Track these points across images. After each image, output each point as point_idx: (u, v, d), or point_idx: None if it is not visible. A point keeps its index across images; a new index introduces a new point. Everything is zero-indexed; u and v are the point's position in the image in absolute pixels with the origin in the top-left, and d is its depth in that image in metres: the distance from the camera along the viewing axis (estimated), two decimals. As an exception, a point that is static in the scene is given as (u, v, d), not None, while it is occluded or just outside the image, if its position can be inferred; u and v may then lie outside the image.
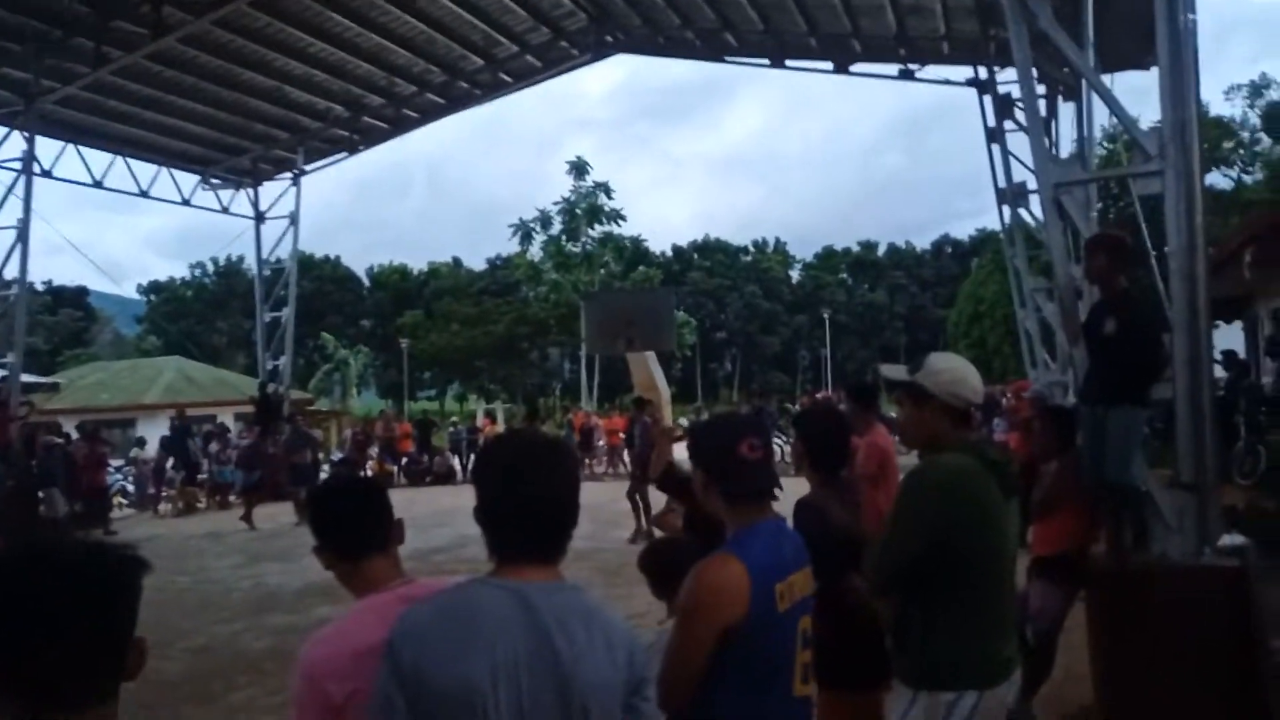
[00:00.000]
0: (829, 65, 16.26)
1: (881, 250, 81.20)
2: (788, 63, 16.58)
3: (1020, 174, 12.60)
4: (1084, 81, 9.33)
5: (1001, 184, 13.22)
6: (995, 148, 13.29)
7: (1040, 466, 5.07)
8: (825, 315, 62.83)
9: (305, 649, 1.94)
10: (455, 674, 1.53)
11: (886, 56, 15.74)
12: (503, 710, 1.53)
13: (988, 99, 13.51)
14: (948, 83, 15.11)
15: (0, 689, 1.17)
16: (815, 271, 79.41)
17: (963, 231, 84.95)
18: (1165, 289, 5.11)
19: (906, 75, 15.73)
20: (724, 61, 17.24)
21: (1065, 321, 5.65)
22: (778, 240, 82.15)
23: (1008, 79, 12.98)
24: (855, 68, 16.24)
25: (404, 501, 2.19)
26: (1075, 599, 5.01)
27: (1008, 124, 12.96)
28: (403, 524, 2.12)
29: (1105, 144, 21.93)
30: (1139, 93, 7.56)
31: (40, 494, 14.44)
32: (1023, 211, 12.55)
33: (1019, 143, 12.79)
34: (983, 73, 13.80)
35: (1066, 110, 11.29)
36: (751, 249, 79.96)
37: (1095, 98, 8.83)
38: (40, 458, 15.02)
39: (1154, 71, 5.28)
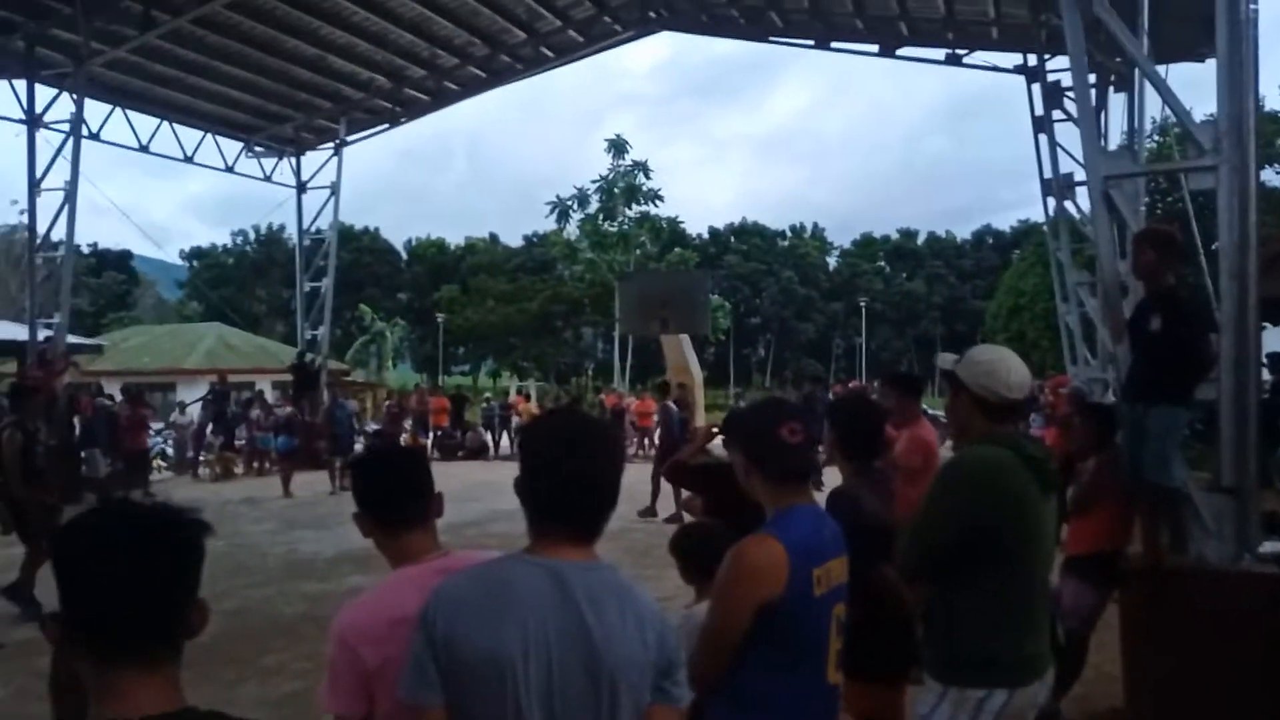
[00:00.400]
0: (875, 48, 16.08)
1: (921, 239, 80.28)
2: (833, 44, 16.40)
3: (1067, 165, 12.36)
4: (1137, 71, 9.14)
5: (1048, 175, 13.00)
6: (1042, 137, 13.05)
7: (1078, 464, 5.00)
8: (862, 303, 62.34)
9: (340, 614, 1.97)
10: (486, 645, 1.56)
11: (934, 41, 15.52)
12: (532, 683, 1.56)
13: (1036, 87, 13.27)
14: (995, 69, 14.87)
15: (79, 643, 1.23)
16: (853, 258, 78.74)
17: (1004, 222, 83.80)
18: (1214, 288, 5.00)
19: (954, 60, 15.50)
20: (768, 42, 17.08)
21: (1109, 317, 5.54)
22: (815, 226, 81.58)
23: (1057, 67, 12.74)
24: (902, 51, 16.03)
25: (437, 475, 2.20)
26: (1109, 599, 4.95)
27: (1056, 113, 12.70)
28: (442, 497, 2.15)
29: (1154, 137, 21.47)
30: (1191, 85, 7.35)
31: (82, 453, 14.75)
32: (1068, 204, 12.35)
33: (1067, 132, 12.54)
34: (1032, 60, 13.57)
35: (1116, 101, 11.04)
36: (789, 234, 79.42)
37: (1147, 88, 8.65)
38: (86, 418, 15.35)
39: (1209, 63, 5.14)
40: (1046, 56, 12.89)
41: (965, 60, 15.36)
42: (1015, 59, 14.07)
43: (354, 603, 2.01)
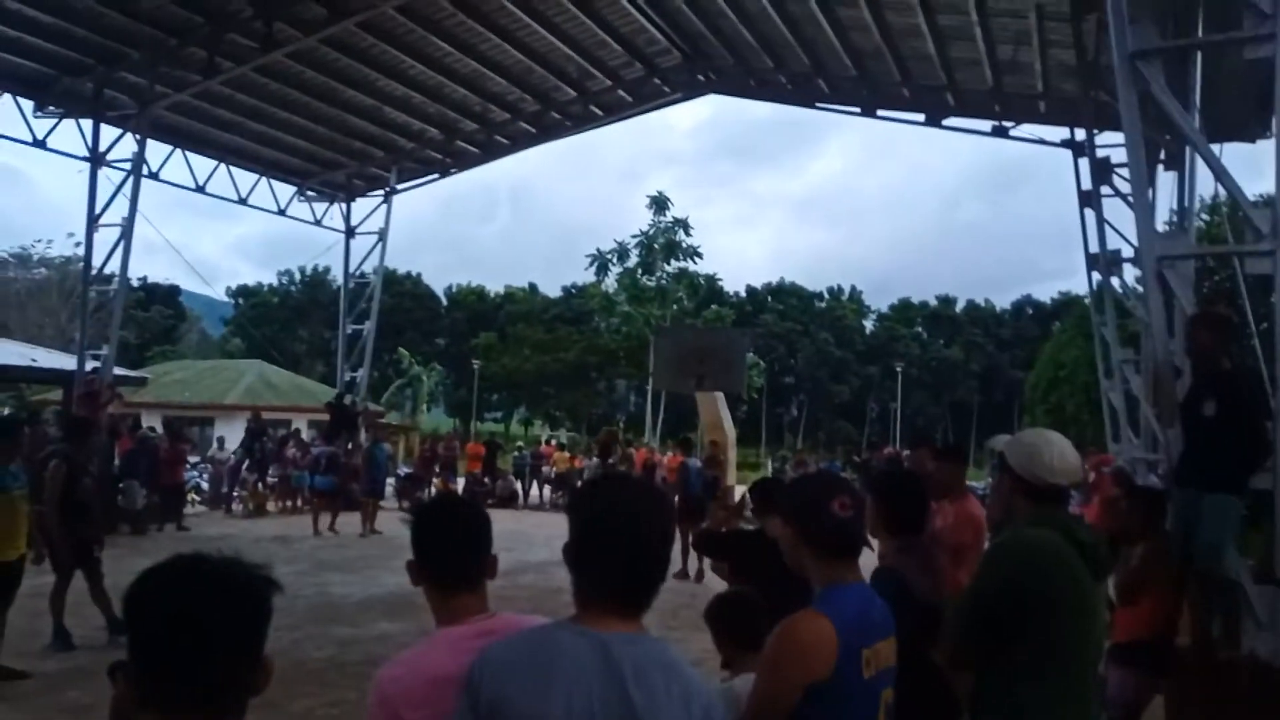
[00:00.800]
0: (921, 117, 16.15)
1: (959, 306, 79.91)
2: (879, 113, 16.52)
3: (1114, 240, 12.27)
4: (1188, 149, 9.11)
5: (1093, 249, 12.87)
6: (1089, 212, 12.94)
7: (1125, 546, 4.87)
8: (898, 368, 61.84)
9: (381, 671, 1.96)
10: (531, 713, 1.54)
11: (980, 112, 15.59)
12: None
13: (1083, 162, 13.21)
14: (1042, 142, 14.89)
15: (146, 701, 1.22)
16: (890, 322, 78.45)
17: (1045, 292, 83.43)
18: (1269, 372, 4.91)
19: (1000, 133, 15.54)
20: (814, 107, 17.25)
21: (1160, 400, 5.45)
22: (853, 288, 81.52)
23: (1106, 142, 12.69)
24: (948, 121, 16.12)
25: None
26: (1156, 690, 4.79)
27: (1104, 189, 12.63)
28: (496, 560, 2.11)
29: (1203, 215, 21.29)
30: (1241, 163, 7.29)
31: (120, 484, 14.93)
32: (1114, 279, 12.23)
33: (1113, 207, 12.45)
34: (1079, 134, 13.53)
35: (1164, 178, 10.98)
36: (826, 295, 79.43)
37: (1198, 165, 8.60)
38: (125, 450, 15.57)
39: (1260, 144, 5.10)
40: (1095, 131, 12.85)
41: (1012, 133, 15.38)
42: (1062, 133, 14.05)
43: (395, 660, 1.99)
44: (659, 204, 46.22)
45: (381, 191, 21.17)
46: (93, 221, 15.87)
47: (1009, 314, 78.72)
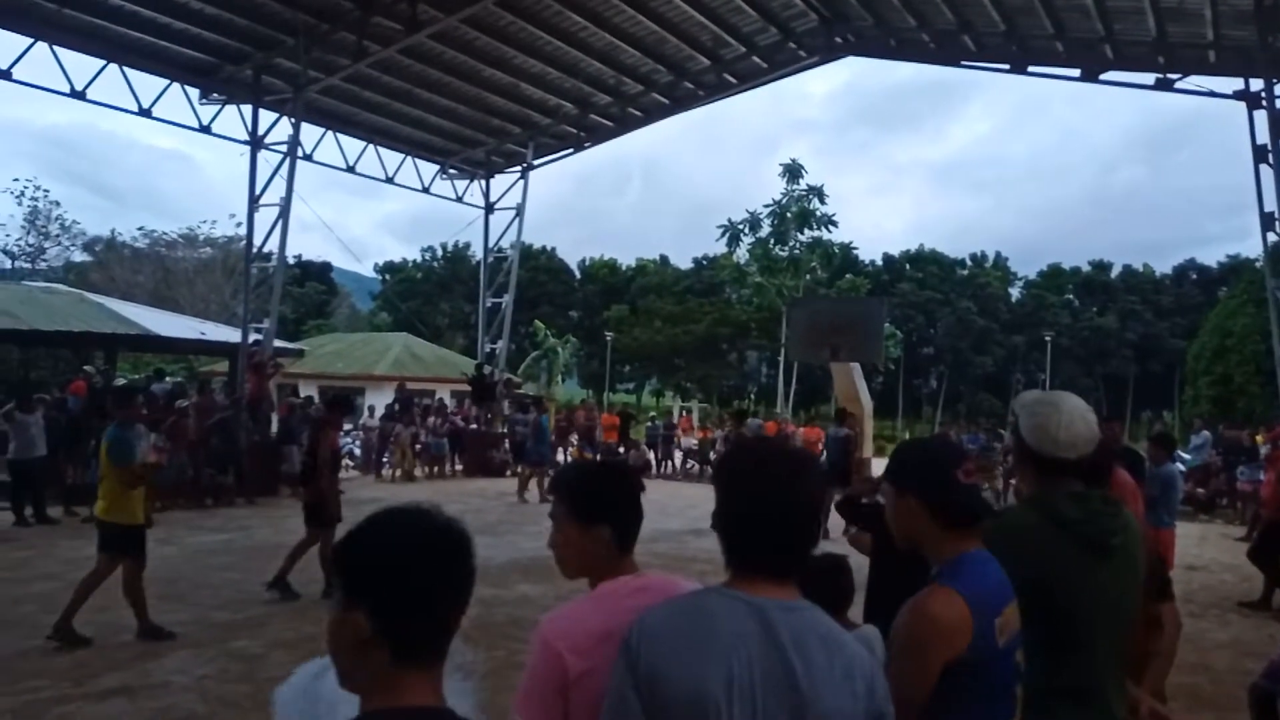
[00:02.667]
0: (1075, 73, 15.28)
1: (1115, 272, 75.40)
2: (1030, 69, 15.70)
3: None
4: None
5: (1269, 208, 11.95)
6: (1264, 168, 12.01)
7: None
8: (1046, 337, 58.95)
9: (545, 619, 1.98)
10: (691, 681, 1.52)
11: (1142, 65, 14.61)
12: None
13: (1260, 114, 12.24)
14: (1211, 94, 13.85)
15: (378, 641, 1.27)
16: (1038, 290, 74.71)
17: (1210, 257, 77.75)
18: None
19: (1164, 85, 14.54)
20: (960, 66, 16.55)
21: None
22: (998, 255, 78.06)
23: (1287, 92, 11.72)
24: (1105, 76, 15.17)
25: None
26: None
27: (1282, 142, 11.67)
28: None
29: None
30: None
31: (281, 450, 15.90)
32: (1293, 239, 11.31)
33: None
34: (1255, 84, 12.52)
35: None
36: (969, 262, 76.39)
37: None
38: (284, 418, 16.55)
39: None
40: (1274, 81, 11.86)
41: (1177, 85, 14.35)
42: (1235, 84, 13.06)
43: (558, 613, 2.01)
44: (792, 172, 45.37)
45: (519, 168, 21.62)
46: (253, 202, 16.87)
47: (1170, 280, 73.77)
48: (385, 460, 20.26)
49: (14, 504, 11.97)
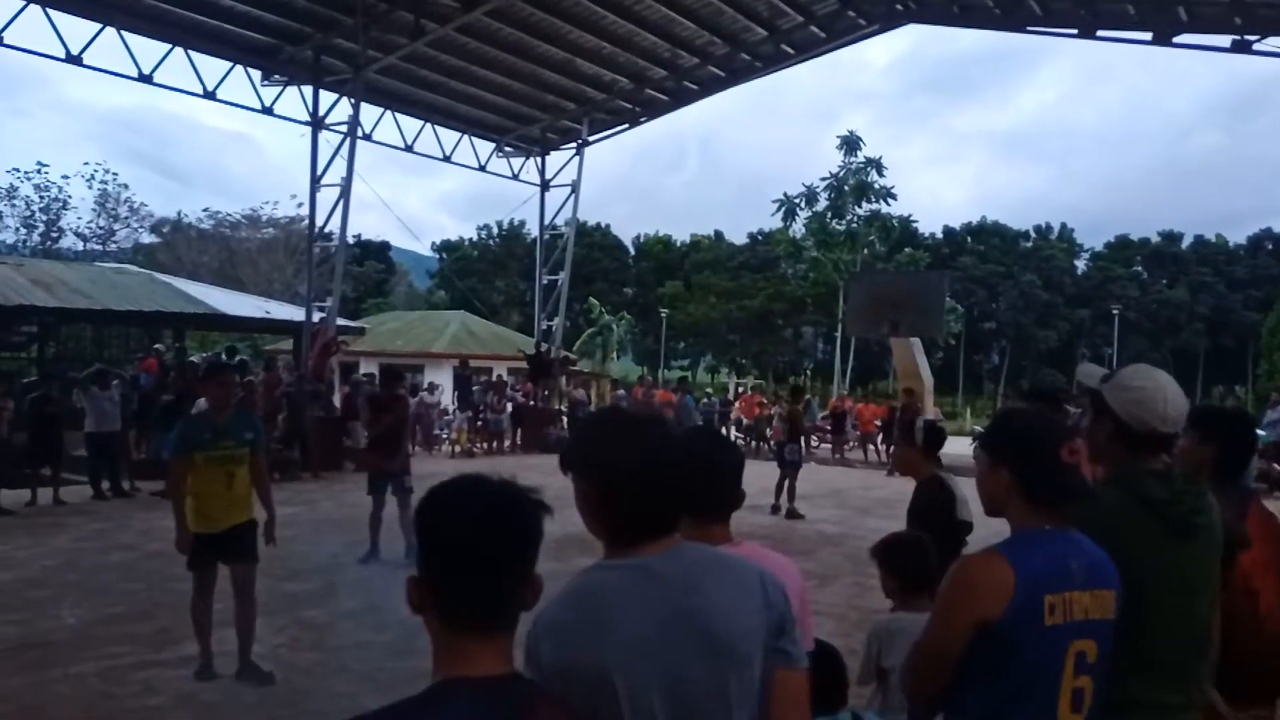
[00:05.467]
0: (1147, 36, 14.73)
1: (1186, 243, 73.01)
2: (1099, 34, 15.19)
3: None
4: None
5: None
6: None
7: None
8: (1114, 311, 57.41)
9: None
10: (589, 662, 1.51)
11: (1218, 26, 14.05)
12: (651, 685, 1.51)
13: (1348, 74, 11.66)
14: (1294, 55, 13.26)
15: (438, 608, 1.31)
16: (1105, 262, 72.69)
17: (1289, 226, 74.44)
18: None
19: (1241, 48, 13.98)
20: (1025, 32, 16.07)
21: None
22: (1063, 226, 76.07)
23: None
24: (1179, 39, 14.61)
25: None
26: None
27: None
28: (744, 495, 2.16)
29: None
30: None
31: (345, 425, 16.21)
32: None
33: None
34: (1344, 43, 11.96)
35: None
36: (1032, 234, 74.60)
37: None
38: (347, 394, 16.86)
39: None
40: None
41: (1255, 47, 13.77)
42: (1320, 43, 12.47)
43: None
44: (850, 144, 44.64)
45: (574, 144, 21.59)
46: (315, 182, 17.10)
47: (1244, 250, 71.22)
48: (444, 435, 20.56)
49: (91, 477, 12.39)
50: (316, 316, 17.31)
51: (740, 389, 37.26)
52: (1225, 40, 14.14)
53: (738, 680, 1.57)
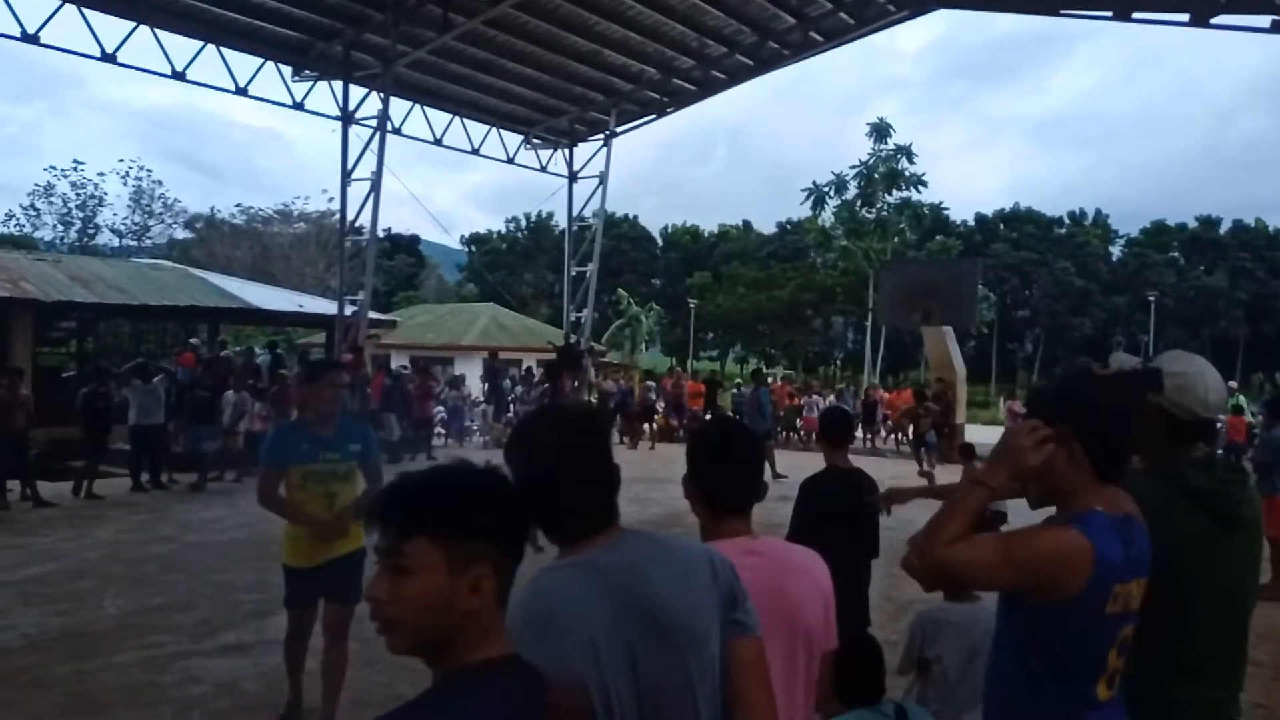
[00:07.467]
0: (1185, 17, 14.41)
1: (1224, 228, 71.60)
2: (1135, 16, 14.89)
3: None
4: None
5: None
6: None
7: None
8: (1150, 298, 56.44)
9: None
10: (556, 663, 1.50)
11: (1259, 6, 13.70)
12: (616, 677, 1.52)
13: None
14: (1339, 35, 12.93)
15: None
16: (1141, 249, 71.47)
17: (1332, 210, 72.84)
18: None
19: (1281, 28, 13.62)
20: (1059, 15, 15.80)
21: None
22: (1098, 212, 74.92)
23: None
24: (1217, 20, 14.27)
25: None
26: None
27: None
28: (766, 487, 2.15)
29: None
30: None
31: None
32: None
33: None
34: (1391, 22, 11.64)
35: None
36: (1067, 220, 73.54)
37: None
38: (390, 388, 16.99)
39: None
40: None
41: (1296, 26, 13.44)
42: (1365, 22, 12.15)
43: None
44: (880, 131, 44.11)
45: (602, 136, 21.57)
46: (346, 176, 17.23)
47: (1285, 235, 69.75)
48: (474, 426, 20.69)
49: (132, 469, 12.59)
50: (349, 310, 17.46)
51: (770, 379, 37.10)
52: (1264, 20, 13.81)
53: (696, 659, 1.58)
